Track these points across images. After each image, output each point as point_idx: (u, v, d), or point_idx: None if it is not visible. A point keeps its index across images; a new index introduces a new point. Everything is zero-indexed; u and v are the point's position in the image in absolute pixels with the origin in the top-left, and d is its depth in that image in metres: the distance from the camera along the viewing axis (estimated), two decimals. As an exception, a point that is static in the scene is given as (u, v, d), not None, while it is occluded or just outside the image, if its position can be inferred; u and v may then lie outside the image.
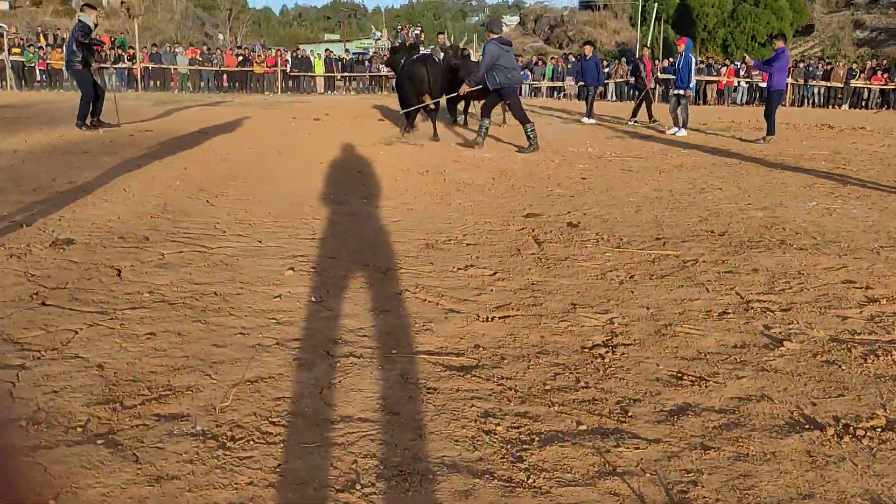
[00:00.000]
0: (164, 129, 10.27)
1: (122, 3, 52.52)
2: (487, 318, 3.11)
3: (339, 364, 2.58)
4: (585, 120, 14.59)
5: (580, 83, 18.34)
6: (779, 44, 11.55)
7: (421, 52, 10.92)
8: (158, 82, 23.57)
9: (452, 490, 1.83)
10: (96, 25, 10.19)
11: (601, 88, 15.47)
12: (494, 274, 3.78)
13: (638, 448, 2.07)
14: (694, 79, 12.45)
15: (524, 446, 2.06)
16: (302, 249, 4.15)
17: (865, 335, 2.98)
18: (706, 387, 2.49)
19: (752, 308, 3.31)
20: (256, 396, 2.30)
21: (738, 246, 4.45)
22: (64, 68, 12.67)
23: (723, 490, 1.85)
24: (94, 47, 10.18)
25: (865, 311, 3.27)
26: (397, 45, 10.14)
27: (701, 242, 4.54)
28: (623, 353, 2.77)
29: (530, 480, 1.89)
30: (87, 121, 9.92)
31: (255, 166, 7.10)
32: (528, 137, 9.23)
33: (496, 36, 9.10)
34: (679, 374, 2.59)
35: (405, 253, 4.16)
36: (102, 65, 21.96)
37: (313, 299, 3.28)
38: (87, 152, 7.41)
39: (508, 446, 2.06)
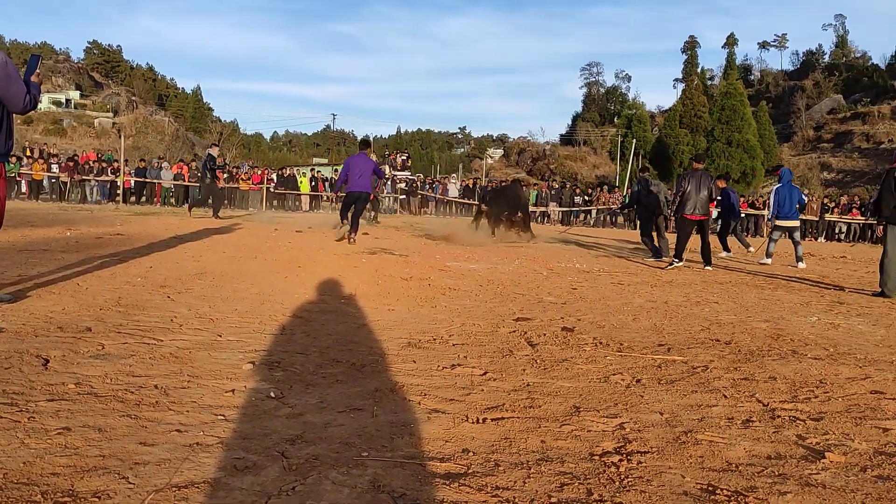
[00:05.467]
0: (136, 233, 9.89)
1: (113, 124, 54.15)
2: (478, 419, 2.63)
3: (294, 467, 2.07)
4: (723, 255, 13.00)
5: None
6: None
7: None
8: (144, 198, 23.46)
9: None
10: (219, 156, 17.28)
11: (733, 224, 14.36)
12: (485, 374, 3.31)
13: (678, 581, 1.58)
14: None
15: (530, 576, 1.56)
16: (267, 344, 3.67)
17: (914, 448, 2.55)
18: (746, 503, 2.02)
19: (778, 416, 2.91)
20: (181, 506, 1.78)
21: (749, 354, 4.06)
22: (199, 182, 18.50)
23: None
24: (217, 172, 16.05)
25: (906, 422, 2.85)
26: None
27: (708, 350, 4.15)
28: (640, 462, 2.30)
29: None
30: (216, 215, 15.24)
31: (227, 267, 6.68)
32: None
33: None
34: (710, 488, 2.13)
35: (384, 351, 3.69)
36: (84, 177, 22.06)
37: (272, 395, 2.78)
38: (48, 250, 6.96)
39: (509, 576, 1.56)
